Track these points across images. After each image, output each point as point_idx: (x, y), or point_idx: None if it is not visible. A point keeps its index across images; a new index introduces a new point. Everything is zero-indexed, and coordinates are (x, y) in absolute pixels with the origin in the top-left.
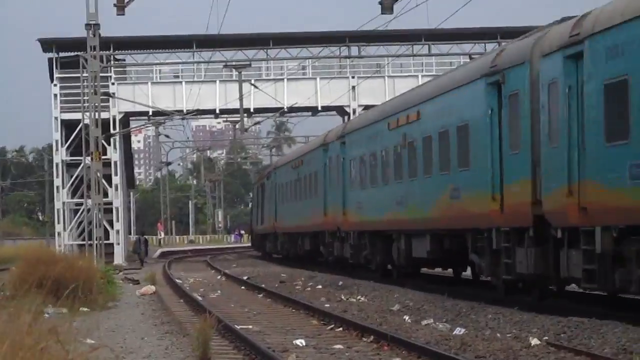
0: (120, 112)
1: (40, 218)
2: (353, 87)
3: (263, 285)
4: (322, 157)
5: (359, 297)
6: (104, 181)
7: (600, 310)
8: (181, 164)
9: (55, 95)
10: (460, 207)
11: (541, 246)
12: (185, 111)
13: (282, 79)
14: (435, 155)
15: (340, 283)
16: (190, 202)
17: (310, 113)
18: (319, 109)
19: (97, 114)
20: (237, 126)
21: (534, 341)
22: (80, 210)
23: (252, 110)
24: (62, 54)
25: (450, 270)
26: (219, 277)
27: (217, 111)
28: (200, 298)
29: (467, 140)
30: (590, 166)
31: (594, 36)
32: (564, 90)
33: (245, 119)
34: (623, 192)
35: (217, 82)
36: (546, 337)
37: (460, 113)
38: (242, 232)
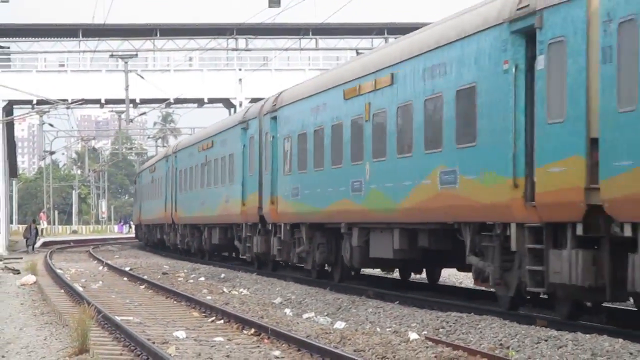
0: (3, 100)
1: None
2: (240, 80)
3: (145, 277)
4: (241, 137)
5: (241, 290)
6: None
7: (479, 306)
8: (65, 153)
9: None
10: (456, 195)
11: (592, 249)
12: (70, 100)
13: (169, 70)
14: (418, 129)
15: (223, 275)
16: (73, 192)
17: (196, 105)
18: (206, 100)
19: None
20: (122, 116)
21: (413, 335)
22: None
23: (138, 100)
24: None
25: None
26: (100, 267)
27: (103, 101)
28: (81, 288)
29: (474, 107)
30: None
31: None
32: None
33: (131, 110)
34: None
35: (103, 71)
36: (425, 332)
37: (463, 72)
38: (131, 223)
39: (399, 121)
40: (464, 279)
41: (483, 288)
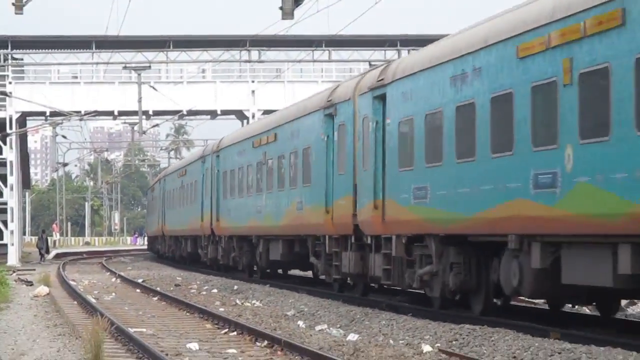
0: (17, 112)
1: None
2: (253, 92)
3: (158, 289)
4: (201, 169)
5: (253, 302)
6: None
7: (492, 319)
8: (78, 165)
9: None
10: (303, 218)
11: (360, 251)
12: (83, 112)
13: (182, 82)
14: (287, 172)
15: (236, 287)
16: (86, 203)
17: (209, 116)
18: (218, 112)
19: None
20: (135, 128)
21: (426, 348)
22: None
23: (151, 112)
24: None
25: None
26: (114, 279)
27: (116, 113)
28: (94, 300)
29: (310, 161)
30: (389, 187)
31: (393, 82)
32: (373, 124)
33: (144, 121)
34: (409, 209)
35: (116, 83)
36: (438, 344)
37: (305, 137)
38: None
39: (280, 166)
40: None
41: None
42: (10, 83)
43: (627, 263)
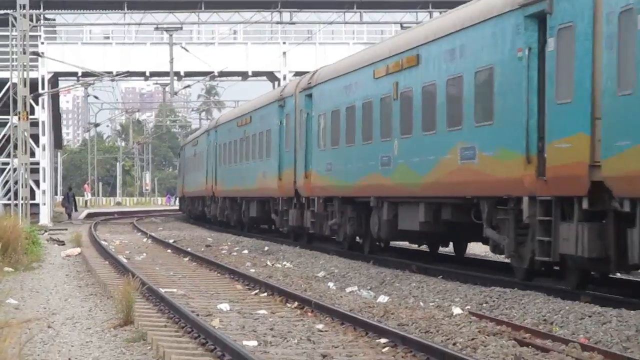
0: (49, 72)
1: None
2: (284, 53)
3: (189, 249)
4: (206, 140)
5: (284, 263)
6: (31, 141)
7: (522, 282)
8: (110, 125)
9: None
10: (266, 183)
11: (300, 209)
12: (114, 73)
13: (213, 43)
14: (257, 148)
15: (266, 248)
16: (118, 163)
17: (240, 78)
18: (250, 74)
19: (25, 73)
20: (166, 89)
21: (457, 310)
22: (7, 170)
23: (182, 73)
24: None
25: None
26: (145, 239)
27: (147, 73)
28: (125, 260)
29: (270, 140)
30: (313, 162)
31: (316, 86)
32: (305, 115)
33: (175, 82)
34: (323, 178)
35: (148, 44)
36: (468, 307)
37: (268, 122)
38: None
39: (253, 142)
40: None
41: None
42: (42, 43)
43: (422, 214)
